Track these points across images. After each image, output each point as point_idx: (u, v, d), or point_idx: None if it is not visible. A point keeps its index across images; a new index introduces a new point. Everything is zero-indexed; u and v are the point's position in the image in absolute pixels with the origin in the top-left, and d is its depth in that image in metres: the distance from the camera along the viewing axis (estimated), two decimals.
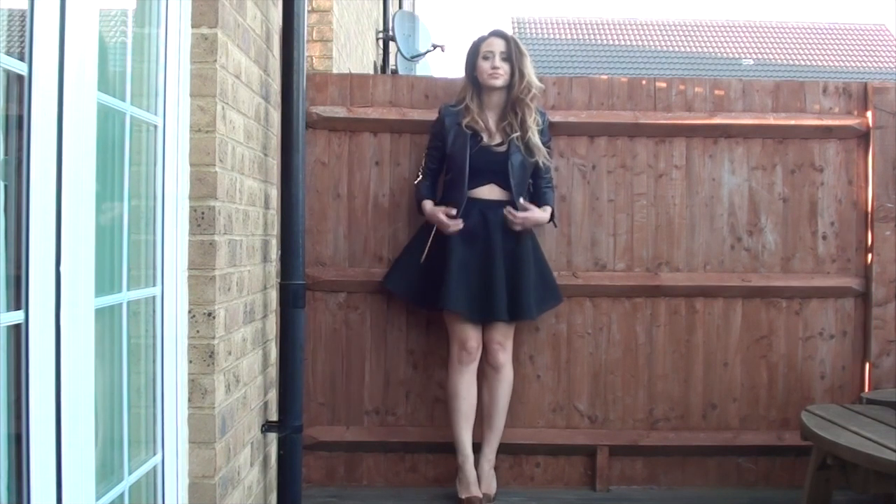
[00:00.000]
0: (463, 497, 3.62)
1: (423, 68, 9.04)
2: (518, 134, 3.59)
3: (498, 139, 3.64)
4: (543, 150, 3.64)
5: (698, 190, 3.95)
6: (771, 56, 23.12)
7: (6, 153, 1.54)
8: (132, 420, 2.14)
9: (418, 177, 3.74)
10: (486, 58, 3.64)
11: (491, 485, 3.71)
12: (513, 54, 3.62)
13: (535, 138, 3.60)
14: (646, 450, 3.93)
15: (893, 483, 2.91)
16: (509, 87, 3.62)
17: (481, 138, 3.62)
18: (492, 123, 3.65)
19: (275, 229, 3.23)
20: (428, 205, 3.67)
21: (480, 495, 3.62)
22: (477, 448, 3.71)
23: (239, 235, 2.69)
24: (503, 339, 3.68)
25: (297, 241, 3.09)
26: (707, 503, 3.81)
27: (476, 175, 3.61)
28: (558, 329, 3.93)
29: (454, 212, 3.59)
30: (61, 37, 1.60)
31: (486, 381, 3.71)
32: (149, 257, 2.26)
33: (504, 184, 3.61)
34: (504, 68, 3.61)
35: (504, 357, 3.68)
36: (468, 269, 3.60)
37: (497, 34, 3.71)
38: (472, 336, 3.64)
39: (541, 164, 3.64)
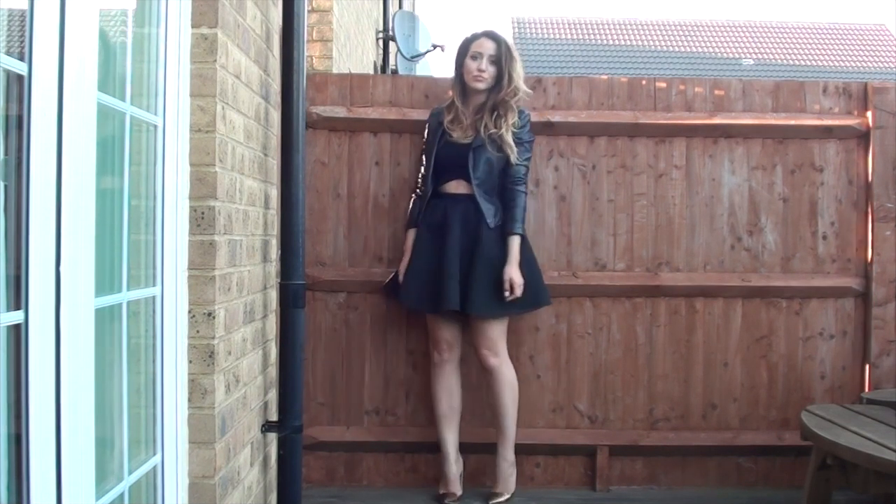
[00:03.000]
0: (440, 492, 3.71)
1: (423, 68, 9.04)
2: (493, 131, 3.55)
3: (470, 134, 3.62)
4: (515, 147, 3.56)
5: (698, 190, 3.95)
6: (771, 56, 23.11)
7: (6, 153, 1.54)
8: (132, 420, 2.14)
9: (417, 182, 3.75)
10: (474, 58, 3.63)
11: (507, 483, 3.70)
12: (502, 58, 3.60)
13: (508, 136, 3.55)
14: (646, 450, 3.93)
15: (893, 483, 2.91)
16: (493, 89, 3.61)
17: (452, 134, 3.62)
18: (470, 120, 3.64)
19: (275, 229, 3.23)
20: (409, 238, 3.72)
21: (458, 492, 3.69)
22: (493, 448, 3.72)
23: (239, 235, 2.69)
24: (489, 342, 3.62)
25: (297, 241, 3.09)
26: (707, 503, 3.81)
27: (444, 171, 3.63)
28: (558, 329, 3.93)
29: (400, 278, 3.69)
30: (61, 37, 1.60)
31: (487, 384, 3.71)
32: (149, 257, 2.26)
33: (468, 178, 3.59)
34: (490, 72, 3.61)
35: (495, 360, 3.62)
36: (424, 263, 3.62)
37: (489, 35, 3.69)
38: (444, 336, 3.67)
39: (512, 161, 3.57)
